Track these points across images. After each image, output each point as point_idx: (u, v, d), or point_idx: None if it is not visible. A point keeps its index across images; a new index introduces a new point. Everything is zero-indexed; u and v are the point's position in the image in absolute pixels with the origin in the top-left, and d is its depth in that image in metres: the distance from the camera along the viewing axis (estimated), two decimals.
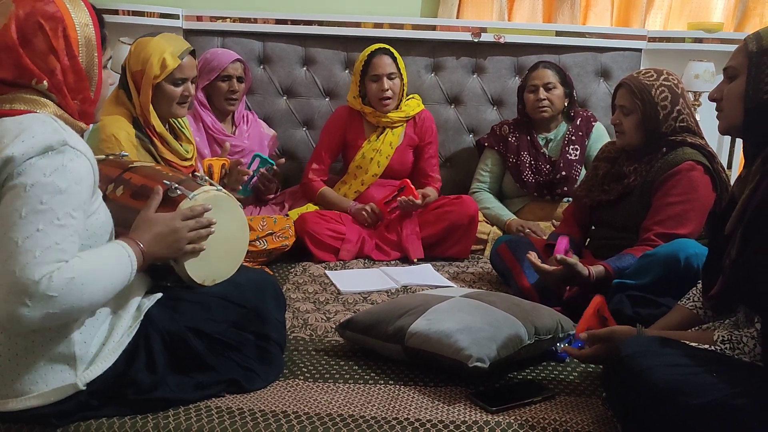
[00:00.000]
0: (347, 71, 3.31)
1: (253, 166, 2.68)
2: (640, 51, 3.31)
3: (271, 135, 3.10)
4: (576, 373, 1.71)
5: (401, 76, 2.87)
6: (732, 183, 1.56)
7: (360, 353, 1.80)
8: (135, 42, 2.24)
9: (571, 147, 2.93)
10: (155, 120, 2.17)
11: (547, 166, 2.93)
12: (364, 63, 2.86)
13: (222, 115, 2.91)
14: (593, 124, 3.00)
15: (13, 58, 1.29)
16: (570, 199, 2.85)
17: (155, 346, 1.43)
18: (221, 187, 1.60)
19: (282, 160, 2.84)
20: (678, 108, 2.10)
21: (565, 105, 2.96)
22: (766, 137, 1.38)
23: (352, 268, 2.61)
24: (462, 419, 1.45)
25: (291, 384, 1.60)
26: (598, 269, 2.00)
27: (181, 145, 2.25)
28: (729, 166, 3.40)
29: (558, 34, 3.29)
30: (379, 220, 2.83)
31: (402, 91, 2.90)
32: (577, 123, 2.97)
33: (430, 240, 2.75)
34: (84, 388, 1.34)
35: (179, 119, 2.29)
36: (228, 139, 2.75)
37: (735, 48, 1.43)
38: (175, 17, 3.24)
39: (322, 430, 1.40)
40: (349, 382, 1.63)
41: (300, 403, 1.50)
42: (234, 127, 2.96)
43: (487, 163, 3.06)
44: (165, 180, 1.52)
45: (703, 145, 2.10)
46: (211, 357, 1.51)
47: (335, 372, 1.68)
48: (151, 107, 2.16)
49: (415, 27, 3.28)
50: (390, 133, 2.94)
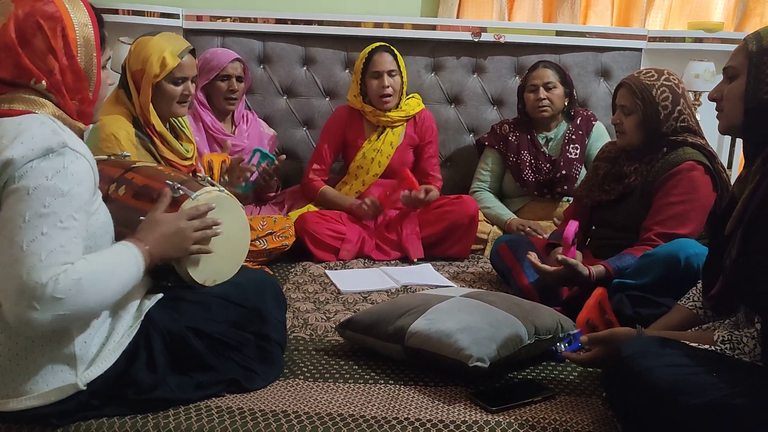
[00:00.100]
0: (347, 71, 3.31)
1: (254, 160, 2.68)
2: (640, 51, 3.31)
3: (271, 134, 3.10)
4: (576, 373, 1.71)
5: (401, 74, 2.88)
6: (732, 183, 1.56)
7: (360, 353, 1.80)
8: (135, 41, 2.24)
9: (572, 146, 2.93)
10: (155, 119, 2.17)
11: (548, 164, 2.93)
12: (365, 60, 2.86)
13: (222, 115, 2.91)
14: (593, 123, 3.00)
15: (12, 57, 1.29)
16: (570, 199, 2.86)
17: (156, 346, 1.43)
18: (223, 188, 1.61)
19: (283, 156, 2.84)
20: (679, 108, 2.09)
21: (565, 104, 2.96)
22: (766, 137, 1.38)
23: (352, 267, 2.61)
24: (462, 419, 1.45)
25: (291, 384, 1.61)
26: (598, 269, 2.00)
27: (182, 145, 2.25)
28: (729, 166, 3.40)
29: (558, 33, 3.29)
30: (380, 212, 2.83)
31: (402, 90, 2.90)
32: (578, 122, 2.97)
33: (430, 240, 2.75)
34: (84, 388, 1.34)
35: (180, 118, 2.29)
36: (228, 139, 2.76)
37: (735, 48, 1.43)
38: (176, 17, 3.24)
39: (322, 429, 1.40)
40: (349, 381, 1.63)
41: (300, 403, 1.50)
42: (234, 127, 2.96)
43: (488, 162, 3.06)
44: (167, 180, 1.53)
45: (704, 145, 2.10)
46: (212, 357, 1.51)
47: (335, 372, 1.68)
48: (151, 106, 2.16)
49: (415, 27, 3.28)
50: (390, 133, 2.94)
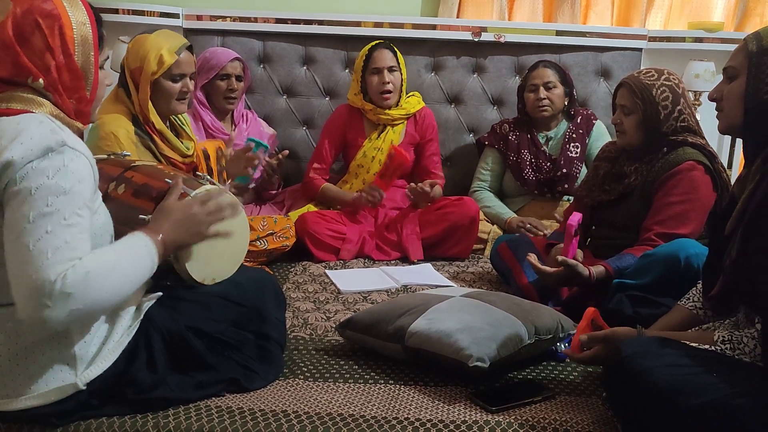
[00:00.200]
0: (347, 70, 3.31)
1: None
2: (640, 50, 3.31)
3: (271, 134, 3.10)
4: (576, 373, 1.71)
5: (401, 71, 2.89)
6: (732, 183, 1.56)
7: (360, 353, 1.80)
8: (132, 39, 2.24)
9: (572, 144, 2.92)
10: (155, 117, 2.16)
11: (548, 163, 2.93)
12: (365, 57, 2.87)
13: (221, 114, 2.91)
14: (594, 122, 3.00)
15: (11, 55, 1.29)
16: (570, 198, 2.85)
17: (155, 345, 1.43)
18: (223, 186, 1.61)
19: (286, 151, 2.82)
20: (679, 108, 2.09)
21: (566, 104, 2.96)
22: (766, 137, 1.37)
23: (352, 267, 2.61)
24: (462, 419, 1.44)
25: (291, 383, 1.60)
26: (598, 269, 2.00)
27: (182, 142, 2.25)
28: (729, 166, 3.39)
29: (558, 33, 3.29)
30: (380, 196, 2.80)
31: (402, 87, 2.90)
32: (578, 121, 2.97)
33: (430, 240, 2.74)
34: (84, 387, 1.34)
35: (180, 116, 2.29)
36: (227, 138, 2.75)
37: (735, 48, 1.43)
38: (176, 16, 3.24)
39: (322, 429, 1.40)
40: (349, 381, 1.63)
41: (300, 403, 1.50)
42: (233, 126, 2.96)
43: (488, 162, 3.06)
44: (167, 178, 1.53)
45: (704, 145, 2.10)
46: (211, 356, 1.51)
47: (335, 371, 1.68)
48: (151, 104, 2.16)
49: (416, 26, 3.28)
50: (391, 131, 2.94)
